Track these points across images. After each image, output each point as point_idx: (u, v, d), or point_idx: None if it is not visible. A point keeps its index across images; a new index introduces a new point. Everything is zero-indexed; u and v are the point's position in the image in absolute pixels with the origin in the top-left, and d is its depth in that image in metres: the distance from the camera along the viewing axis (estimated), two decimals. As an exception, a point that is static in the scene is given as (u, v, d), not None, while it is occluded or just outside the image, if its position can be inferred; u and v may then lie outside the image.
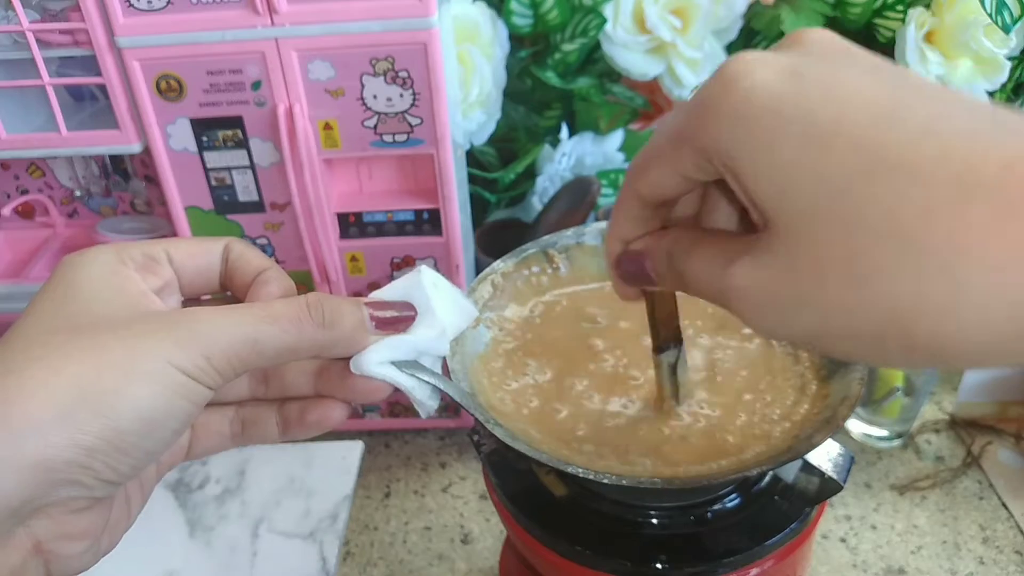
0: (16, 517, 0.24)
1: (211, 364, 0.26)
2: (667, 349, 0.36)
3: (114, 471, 0.25)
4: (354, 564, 0.64)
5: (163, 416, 0.25)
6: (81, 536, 0.26)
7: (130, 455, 0.25)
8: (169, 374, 0.25)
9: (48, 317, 0.27)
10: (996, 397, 0.72)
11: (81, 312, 0.27)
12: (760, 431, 0.37)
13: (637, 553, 0.38)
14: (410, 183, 0.65)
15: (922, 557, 0.61)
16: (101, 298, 0.27)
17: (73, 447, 0.24)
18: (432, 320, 0.32)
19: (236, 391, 0.33)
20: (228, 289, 0.32)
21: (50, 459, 0.23)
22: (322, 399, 0.32)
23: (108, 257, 0.29)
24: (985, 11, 0.63)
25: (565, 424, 0.38)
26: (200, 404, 0.27)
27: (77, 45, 0.58)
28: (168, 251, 0.31)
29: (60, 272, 0.28)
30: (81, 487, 0.25)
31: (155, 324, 0.26)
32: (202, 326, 0.26)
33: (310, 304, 0.29)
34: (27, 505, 0.24)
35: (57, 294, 0.27)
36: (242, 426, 0.33)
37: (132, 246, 0.30)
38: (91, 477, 0.25)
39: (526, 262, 0.45)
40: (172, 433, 0.26)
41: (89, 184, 0.77)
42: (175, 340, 0.26)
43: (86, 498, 0.25)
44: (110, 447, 0.24)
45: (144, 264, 0.30)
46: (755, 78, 0.23)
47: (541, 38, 0.76)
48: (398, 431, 0.76)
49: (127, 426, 0.25)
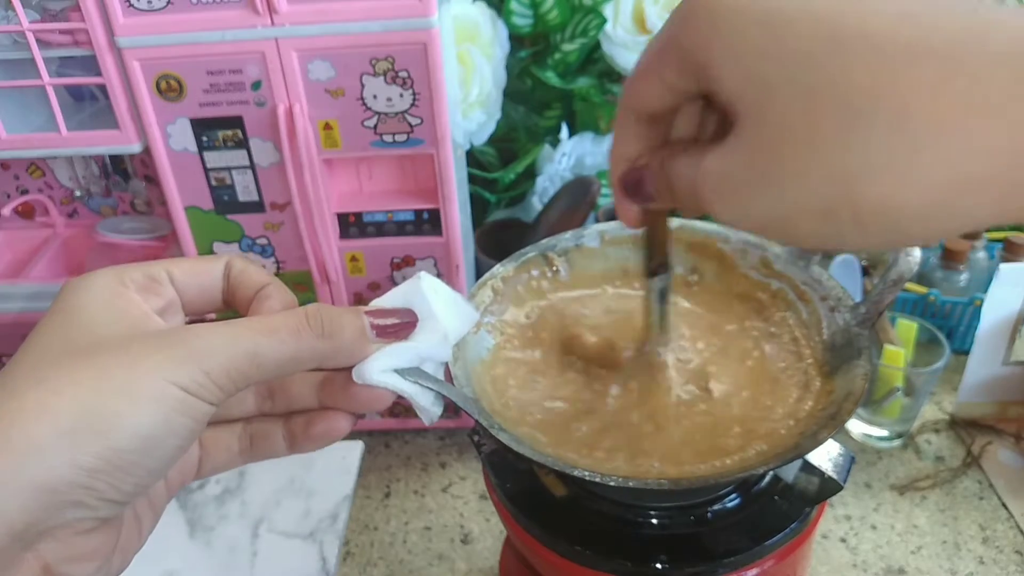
0: (22, 541, 0.24)
1: (211, 379, 0.26)
2: (657, 274, 0.37)
3: (117, 491, 0.25)
4: (354, 564, 0.64)
5: (163, 434, 0.25)
6: (90, 557, 0.26)
7: (132, 474, 0.25)
8: (168, 392, 0.25)
9: (50, 341, 0.27)
10: (996, 397, 0.72)
11: (82, 336, 0.27)
12: (765, 429, 0.37)
13: (637, 553, 0.38)
14: (410, 183, 0.65)
15: (922, 557, 0.61)
16: (102, 321, 0.27)
17: (74, 468, 0.24)
18: (434, 326, 0.32)
19: (243, 407, 0.33)
20: (231, 306, 0.32)
21: (52, 481, 0.23)
22: (327, 411, 0.32)
23: (109, 280, 0.29)
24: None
25: (569, 427, 0.38)
26: (202, 420, 0.27)
27: (77, 45, 0.58)
28: (169, 271, 0.31)
29: (63, 297, 0.28)
30: (85, 508, 0.25)
31: (153, 343, 0.26)
32: (200, 342, 0.26)
33: (309, 315, 0.29)
34: (31, 528, 0.24)
35: (59, 319, 0.27)
36: (250, 441, 0.33)
37: (133, 267, 0.30)
38: (94, 497, 0.25)
39: (526, 266, 0.45)
40: (174, 450, 0.26)
41: (89, 184, 0.77)
42: (173, 358, 0.26)
43: (92, 519, 0.25)
44: (111, 467, 0.24)
45: (145, 285, 0.30)
46: None
47: (541, 38, 0.76)
48: (398, 431, 0.76)
49: (127, 445, 0.25)
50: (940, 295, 0.77)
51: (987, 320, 0.67)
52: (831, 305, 0.40)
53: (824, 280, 0.41)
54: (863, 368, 0.36)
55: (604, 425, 0.38)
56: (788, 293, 0.42)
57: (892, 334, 0.70)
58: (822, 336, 0.40)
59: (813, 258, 0.42)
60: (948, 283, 0.79)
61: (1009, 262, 0.71)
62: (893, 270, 0.37)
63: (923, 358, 0.69)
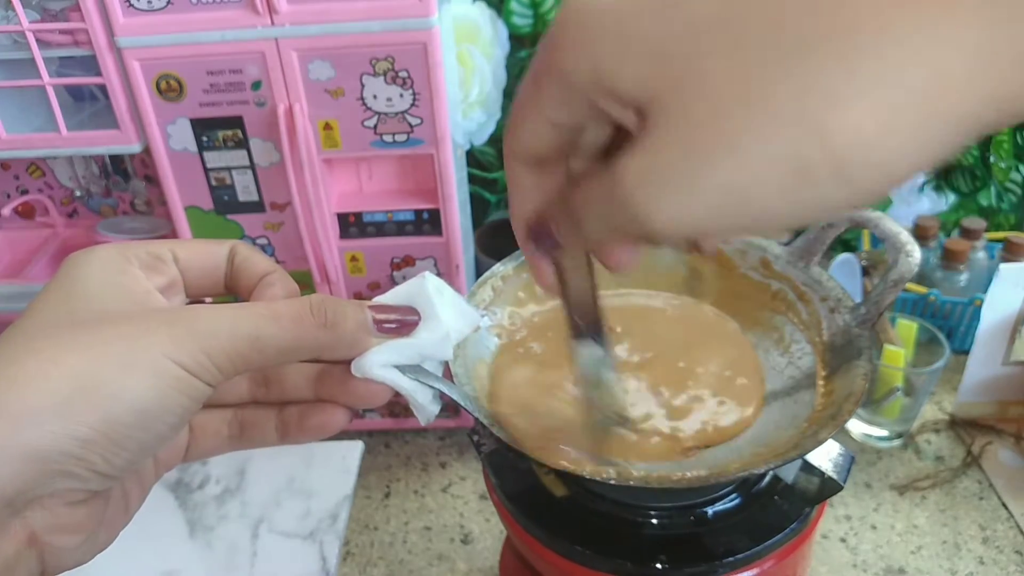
0: (11, 507, 0.24)
1: (211, 360, 0.26)
2: (583, 337, 0.32)
3: (109, 464, 0.25)
4: (354, 564, 0.64)
5: (159, 410, 0.25)
6: (77, 529, 0.26)
7: (126, 448, 0.25)
8: (168, 369, 0.25)
9: (51, 312, 0.27)
10: (996, 397, 0.72)
11: (84, 308, 0.27)
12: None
13: (637, 553, 0.38)
14: (410, 183, 0.65)
15: (922, 557, 0.61)
16: (105, 295, 0.27)
17: (69, 438, 0.24)
18: (436, 325, 0.32)
19: (236, 393, 0.33)
20: (232, 291, 0.32)
21: (46, 449, 0.23)
22: (323, 404, 0.32)
23: (113, 255, 0.29)
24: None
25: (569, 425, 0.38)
26: (198, 400, 0.27)
27: (77, 45, 0.58)
28: (174, 251, 0.31)
29: (65, 269, 0.28)
30: (76, 479, 0.25)
31: (156, 320, 0.26)
32: (203, 322, 0.26)
33: (313, 304, 0.29)
34: (21, 496, 0.24)
35: (62, 291, 0.27)
36: (240, 429, 0.33)
37: (137, 245, 0.30)
38: (86, 469, 0.25)
39: (526, 265, 0.45)
40: (168, 428, 0.26)
41: (89, 184, 0.77)
42: (175, 335, 0.26)
43: (82, 490, 0.25)
44: (106, 439, 0.24)
45: (149, 263, 0.30)
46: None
47: (541, 38, 0.76)
48: (398, 431, 0.76)
49: (123, 418, 0.25)
50: (940, 295, 0.77)
51: (987, 320, 0.67)
52: (831, 306, 0.40)
53: (824, 281, 0.41)
54: (863, 368, 0.36)
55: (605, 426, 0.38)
56: (788, 294, 0.42)
57: (892, 334, 0.70)
58: (822, 337, 0.40)
59: (813, 258, 0.42)
60: (948, 283, 0.79)
61: (1009, 262, 0.71)
62: (893, 271, 0.37)
63: (923, 358, 0.69)
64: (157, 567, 0.63)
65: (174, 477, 0.71)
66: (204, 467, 0.72)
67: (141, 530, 0.31)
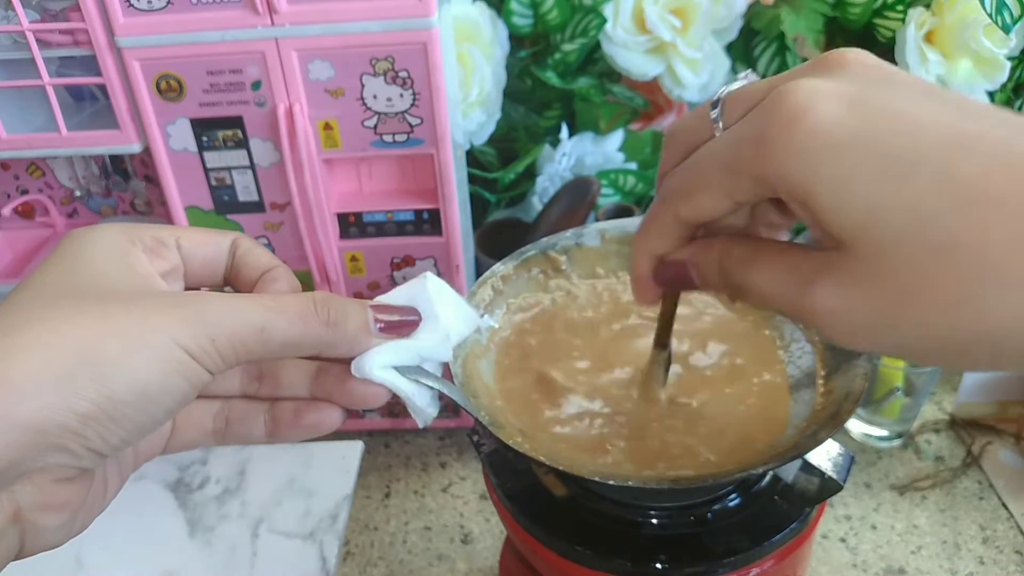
0: (2, 479, 0.24)
1: (215, 347, 0.26)
2: (666, 346, 0.38)
3: (104, 441, 0.25)
4: (354, 564, 0.64)
5: (159, 392, 0.25)
6: (60, 508, 0.26)
7: (122, 427, 0.25)
8: (171, 351, 0.25)
9: (53, 284, 0.26)
10: (996, 397, 0.72)
11: (88, 284, 0.27)
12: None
13: (637, 553, 0.38)
14: (410, 183, 0.65)
15: (922, 557, 0.61)
16: (109, 273, 0.27)
17: (68, 412, 0.24)
18: (436, 326, 0.32)
19: (226, 385, 0.32)
20: (232, 284, 0.32)
21: (44, 421, 0.23)
22: (318, 402, 0.32)
23: (117, 235, 0.29)
24: (985, 11, 0.63)
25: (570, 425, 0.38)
26: (197, 386, 0.27)
27: (77, 45, 0.58)
28: (178, 237, 0.31)
29: (67, 244, 0.28)
30: (70, 454, 0.24)
31: (162, 301, 0.26)
32: (211, 308, 0.26)
33: (317, 301, 0.29)
34: (14, 467, 0.24)
35: (64, 264, 0.27)
36: (226, 423, 0.32)
37: (142, 228, 0.30)
38: (81, 445, 0.24)
39: (526, 264, 0.45)
40: (165, 411, 0.26)
41: (89, 184, 0.77)
42: (182, 318, 0.26)
43: (73, 467, 0.25)
44: (105, 416, 0.24)
45: (152, 247, 0.30)
46: (820, 111, 0.23)
47: (541, 38, 0.76)
48: (398, 431, 0.76)
49: (123, 396, 0.24)
50: (940, 295, 0.77)
51: (987, 320, 0.67)
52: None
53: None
54: (863, 368, 0.36)
55: (604, 425, 0.38)
56: None
57: (892, 334, 0.69)
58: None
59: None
60: (948, 283, 0.79)
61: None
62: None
63: (923, 358, 0.69)
64: (157, 567, 0.63)
65: (174, 477, 0.71)
66: (204, 467, 0.72)
67: (141, 530, 0.31)
